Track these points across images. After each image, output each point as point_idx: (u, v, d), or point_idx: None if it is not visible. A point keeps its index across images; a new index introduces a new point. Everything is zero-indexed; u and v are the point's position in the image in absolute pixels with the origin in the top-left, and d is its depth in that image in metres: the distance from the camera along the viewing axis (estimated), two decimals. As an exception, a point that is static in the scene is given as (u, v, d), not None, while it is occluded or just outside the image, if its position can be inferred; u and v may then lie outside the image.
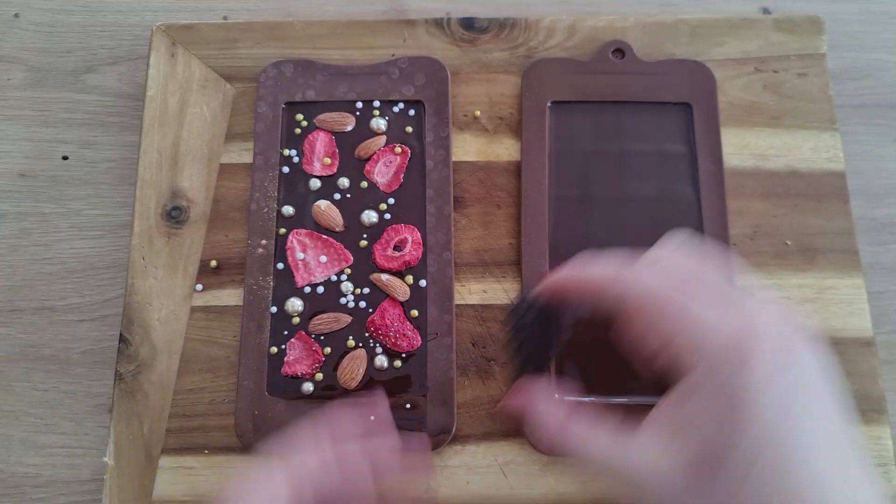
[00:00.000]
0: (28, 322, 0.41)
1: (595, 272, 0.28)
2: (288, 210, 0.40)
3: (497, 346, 0.39)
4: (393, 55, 0.43)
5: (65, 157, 0.44)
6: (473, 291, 0.40)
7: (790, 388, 0.24)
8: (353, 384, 0.37)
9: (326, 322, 0.38)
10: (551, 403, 0.29)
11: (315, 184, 0.40)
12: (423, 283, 0.39)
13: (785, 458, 0.23)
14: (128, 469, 0.37)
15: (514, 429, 0.37)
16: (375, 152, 0.41)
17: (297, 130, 0.42)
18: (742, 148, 0.42)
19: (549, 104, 0.42)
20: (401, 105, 0.42)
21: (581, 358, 0.37)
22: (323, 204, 0.40)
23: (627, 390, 0.37)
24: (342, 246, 0.39)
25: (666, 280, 0.26)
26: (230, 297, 0.39)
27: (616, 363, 0.37)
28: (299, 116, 0.42)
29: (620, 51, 0.43)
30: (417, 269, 0.39)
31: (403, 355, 0.38)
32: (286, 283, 0.39)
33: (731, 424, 0.23)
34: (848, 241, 0.40)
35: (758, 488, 0.23)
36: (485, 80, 0.43)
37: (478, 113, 0.42)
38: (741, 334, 0.24)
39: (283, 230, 0.40)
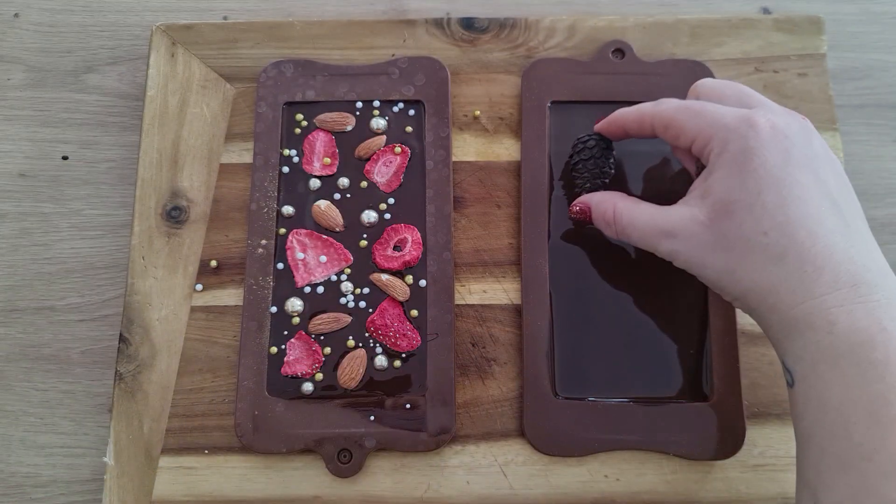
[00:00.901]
0: (28, 322, 0.41)
1: (633, 110, 0.36)
2: (288, 210, 0.40)
3: (497, 346, 0.39)
4: (393, 55, 0.43)
5: (65, 157, 0.44)
6: (473, 291, 0.40)
7: (788, 149, 0.30)
8: (353, 384, 0.37)
9: (326, 322, 0.38)
10: (607, 196, 0.36)
11: (315, 184, 0.40)
12: (423, 283, 0.39)
13: (783, 195, 0.29)
14: (128, 469, 0.37)
15: (514, 429, 0.37)
16: (375, 152, 0.41)
17: (297, 130, 0.42)
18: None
19: (549, 104, 0.42)
20: (401, 105, 0.42)
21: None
22: (323, 204, 0.40)
23: (628, 390, 0.37)
24: (342, 246, 0.39)
25: (687, 101, 0.34)
26: (230, 297, 0.39)
27: (616, 363, 0.38)
28: (299, 116, 0.42)
29: (620, 51, 0.43)
30: (417, 269, 0.39)
31: (403, 355, 0.38)
32: (286, 283, 0.39)
33: (741, 174, 0.30)
34: (848, 241, 0.40)
35: (761, 218, 0.29)
36: (485, 80, 0.43)
37: (478, 113, 0.43)
38: (745, 115, 0.31)
39: (283, 230, 0.40)
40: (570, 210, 0.38)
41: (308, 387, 0.37)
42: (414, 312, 0.38)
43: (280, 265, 0.39)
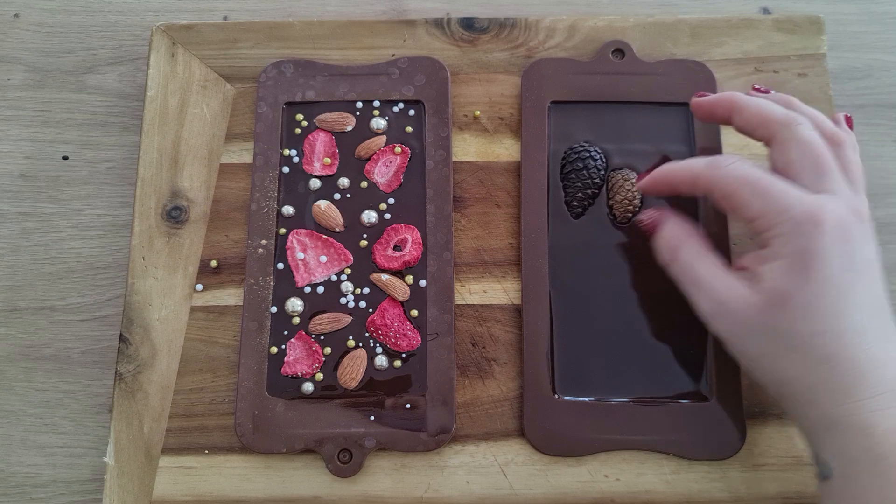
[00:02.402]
0: (28, 322, 0.41)
1: (684, 168, 0.34)
2: (288, 210, 0.40)
3: (497, 346, 0.39)
4: (393, 55, 0.43)
5: (65, 157, 0.44)
6: (473, 291, 0.40)
7: (850, 254, 0.30)
8: (354, 384, 0.37)
9: (326, 322, 0.38)
10: (684, 227, 0.35)
11: (315, 184, 0.41)
12: (423, 283, 0.39)
13: (839, 304, 0.29)
14: (128, 469, 0.37)
15: (514, 429, 0.37)
16: (375, 152, 0.41)
17: (297, 130, 0.42)
18: (742, 148, 0.42)
19: (549, 104, 0.42)
20: (401, 105, 0.42)
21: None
22: (323, 204, 0.40)
23: (628, 390, 0.37)
24: (342, 246, 0.39)
25: (749, 169, 0.32)
26: (230, 297, 0.39)
27: (616, 363, 0.38)
28: (299, 116, 0.42)
29: (620, 51, 0.43)
30: (417, 268, 0.39)
31: (403, 355, 0.38)
32: (286, 283, 0.39)
33: (804, 271, 0.30)
34: (848, 241, 0.40)
35: (814, 320, 0.29)
36: (485, 80, 0.43)
37: (478, 113, 0.43)
38: (814, 210, 0.30)
39: (283, 230, 0.40)
40: (639, 219, 0.37)
41: (308, 387, 0.37)
42: (414, 312, 0.38)
43: (280, 265, 0.39)
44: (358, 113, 0.42)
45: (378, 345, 0.38)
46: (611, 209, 0.40)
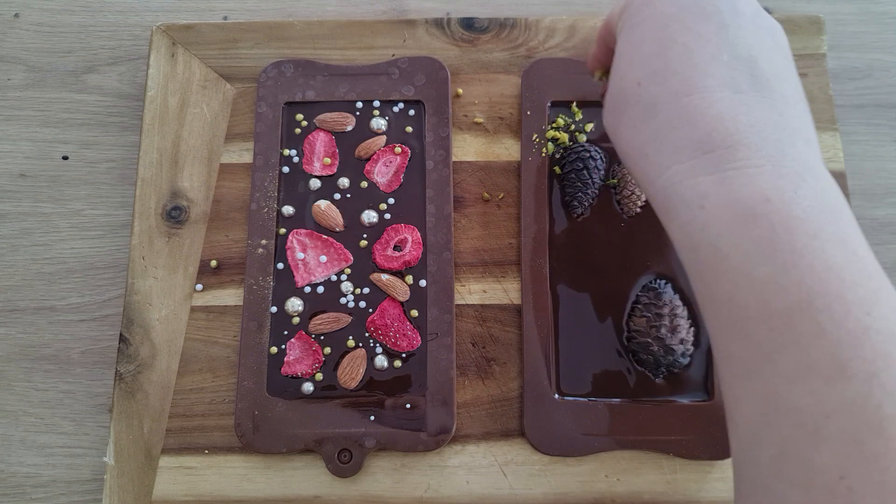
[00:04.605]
0: (28, 322, 0.41)
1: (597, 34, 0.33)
2: (288, 210, 0.40)
3: (497, 346, 0.39)
4: (393, 55, 0.43)
5: (65, 157, 0.44)
6: (473, 291, 0.40)
7: (653, 17, 0.26)
8: (354, 384, 0.37)
9: (326, 322, 0.38)
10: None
11: (315, 184, 0.41)
12: (423, 282, 0.39)
13: (664, 44, 0.25)
14: (128, 469, 0.37)
15: (514, 429, 0.37)
16: (375, 152, 0.41)
17: (297, 130, 0.42)
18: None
19: (549, 104, 0.42)
20: (401, 105, 0.42)
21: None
22: (323, 204, 0.40)
23: (628, 390, 0.37)
24: (342, 246, 0.39)
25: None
26: (230, 297, 0.39)
27: (616, 363, 0.38)
28: (299, 116, 0.42)
29: (620, 51, 0.43)
30: (417, 268, 0.39)
31: (403, 355, 0.38)
32: (286, 283, 0.39)
33: (631, 29, 0.27)
34: (848, 241, 0.40)
35: (634, 69, 0.26)
36: (485, 80, 0.43)
37: (480, 120, 0.42)
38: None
39: (283, 230, 0.40)
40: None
41: (308, 387, 0.37)
42: (414, 312, 0.38)
43: (280, 265, 0.39)
44: (358, 113, 0.42)
45: (378, 345, 0.38)
46: (619, 203, 0.40)
